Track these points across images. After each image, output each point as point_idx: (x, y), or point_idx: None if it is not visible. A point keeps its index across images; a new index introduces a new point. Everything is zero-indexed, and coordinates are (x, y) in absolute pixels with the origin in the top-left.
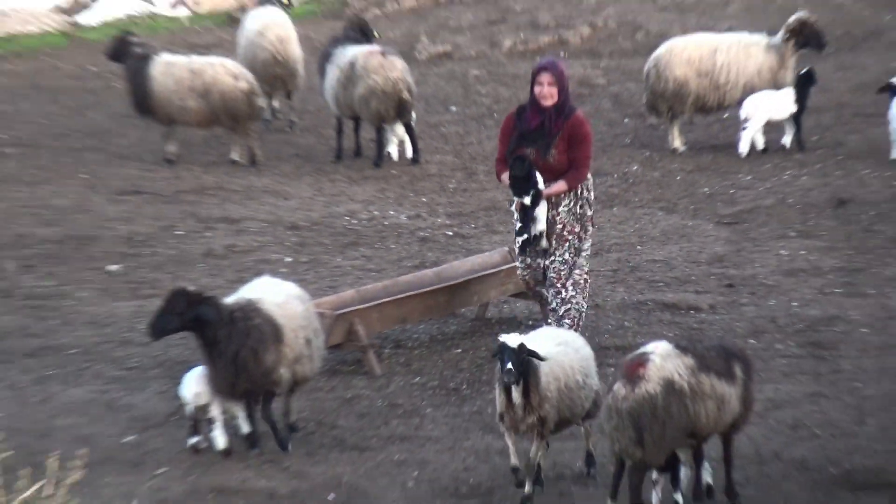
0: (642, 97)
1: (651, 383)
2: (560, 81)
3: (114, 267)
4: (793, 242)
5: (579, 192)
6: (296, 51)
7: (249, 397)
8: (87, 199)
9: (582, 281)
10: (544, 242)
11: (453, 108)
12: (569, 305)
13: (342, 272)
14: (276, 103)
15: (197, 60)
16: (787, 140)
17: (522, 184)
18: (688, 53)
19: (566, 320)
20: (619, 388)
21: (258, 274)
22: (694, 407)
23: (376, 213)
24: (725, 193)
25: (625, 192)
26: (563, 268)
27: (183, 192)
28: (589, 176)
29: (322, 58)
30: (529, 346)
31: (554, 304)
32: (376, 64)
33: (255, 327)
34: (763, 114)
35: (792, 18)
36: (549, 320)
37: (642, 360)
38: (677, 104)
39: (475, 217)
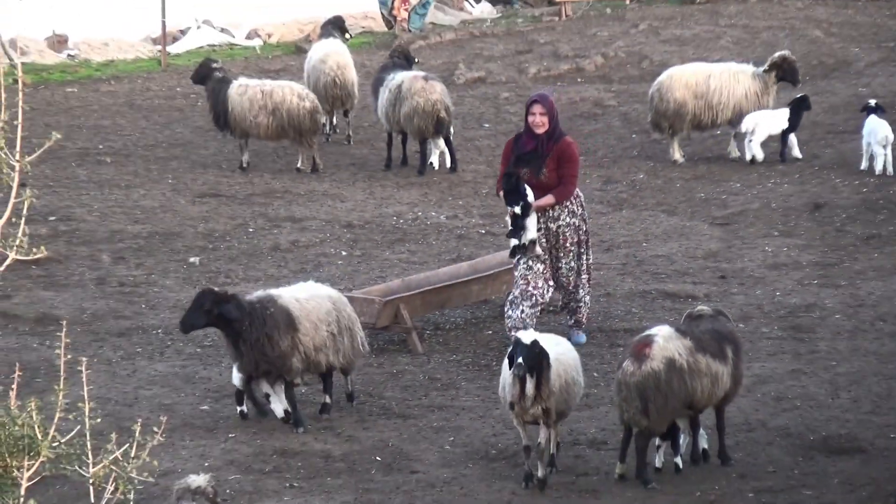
0: (647, 116)
1: (655, 361)
2: (550, 111)
3: (194, 259)
4: (776, 240)
5: (574, 208)
6: (352, 75)
7: (270, 378)
8: (172, 201)
9: (585, 280)
10: (538, 249)
11: (486, 125)
12: (582, 304)
13: (390, 264)
14: (335, 120)
15: (268, 83)
16: (796, 152)
17: (513, 196)
18: (686, 79)
19: (579, 314)
20: (628, 365)
21: (318, 266)
22: (692, 382)
23: (420, 213)
24: (718, 198)
25: (632, 197)
26: (570, 274)
27: (254, 195)
28: (580, 195)
29: (375, 82)
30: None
31: (565, 301)
32: (419, 87)
33: (270, 315)
34: (764, 129)
35: (776, 55)
36: (568, 314)
37: (647, 341)
38: (677, 122)
39: (504, 218)
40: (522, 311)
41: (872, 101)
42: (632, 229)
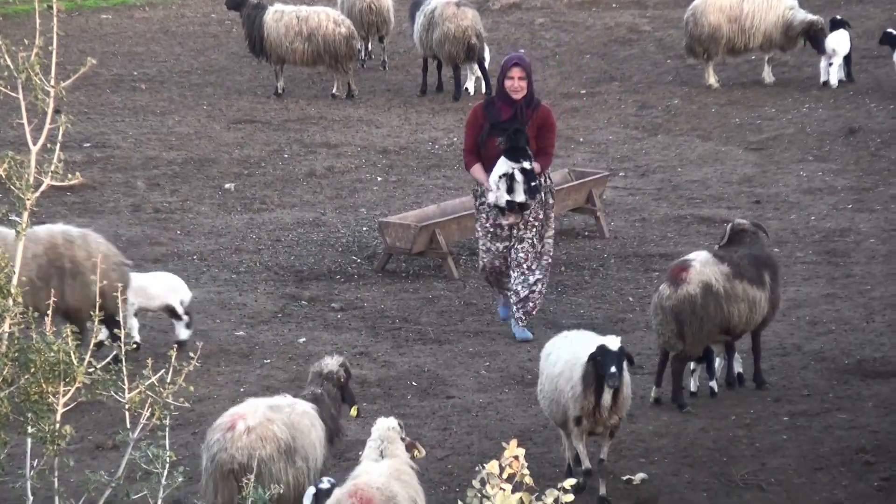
0: (682, 41)
1: (692, 285)
2: (529, 75)
3: (229, 185)
4: (811, 165)
5: (543, 181)
6: (387, 1)
7: None
8: (207, 127)
9: (546, 265)
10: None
11: (522, 51)
12: (535, 289)
13: (425, 190)
14: (370, 45)
15: (304, 9)
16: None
17: (520, 152)
18: (720, 3)
19: (530, 303)
20: (664, 288)
21: (354, 192)
22: (728, 307)
23: (455, 139)
24: (753, 123)
25: (667, 122)
26: (531, 250)
27: (289, 121)
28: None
29: (412, 6)
30: (588, 348)
31: (518, 287)
32: (450, 13)
33: None
34: (845, 49)
35: (806, 19)
36: (512, 305)
37: (685, 266)
38: (712, 46)
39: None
40: (496, 289)
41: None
42: (667, 154)
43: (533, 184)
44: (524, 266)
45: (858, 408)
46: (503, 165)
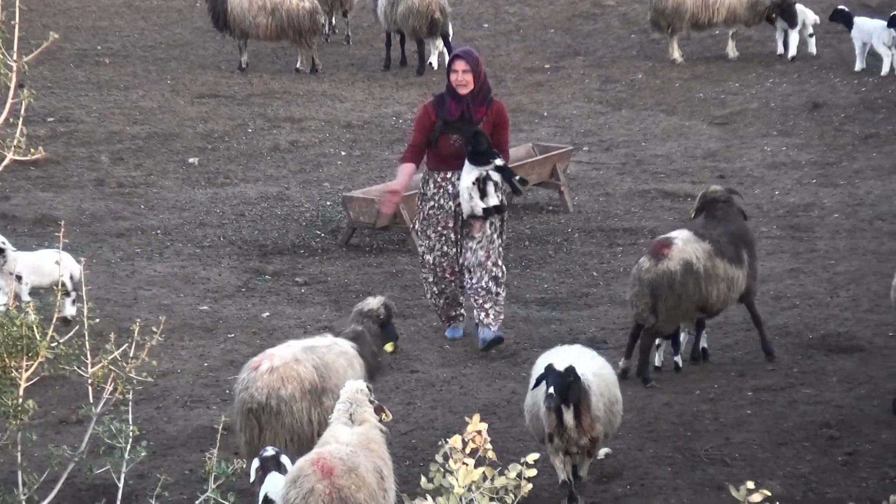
0: (646, 15)
1: (672, 262)
2: (475, 69)
3: (193, 159)
4: (775, 140)
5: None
6: None
7: None
8: (171, 102)
9: (500, 269)
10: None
11: (485, 25)
12: (501, 283)
13: (389, 164)
14: (334, 20)
15: None
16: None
17: (486, 155)
18: None
19: (500, 299)
20: (645, 261)
21: (318, 166)
22: (707, 287)
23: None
24: (717, 98)
25: (631, 97)
26: (491, 246)
27: (253, 95)
28: None
29: None
30: (577, 365)
31: (490, 284)
32: None
33: None
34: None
35: None
36: (478, 307)
37: (667, 242)
38: (676, 21)
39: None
40: (444, 301)
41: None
42: (631, 129)
43: (516, 178)
44: (489, 263)
45: (822, 383)
46: (472, 172)
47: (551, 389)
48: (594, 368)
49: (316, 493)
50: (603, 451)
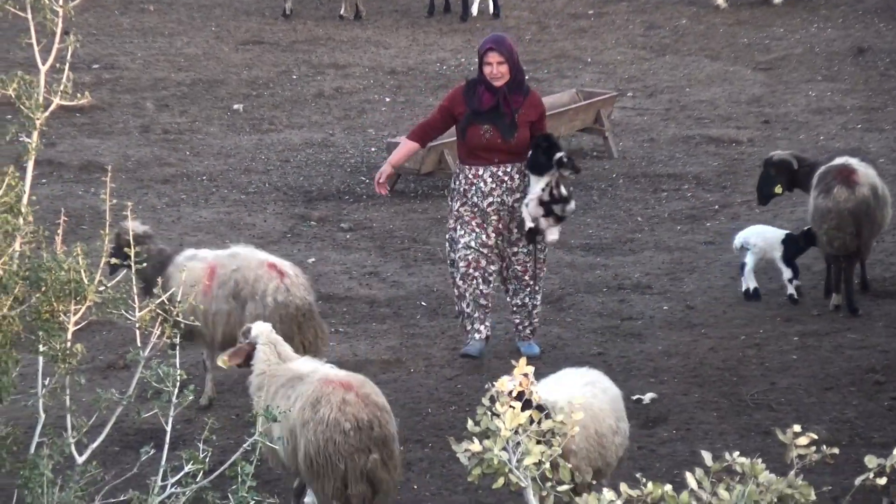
0: None
1: (864, 187)
2: (510, 58)
3: (238, 106)
4: (819, 85)
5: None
6: None
7: None
8: (215, 48)
9: (542, 278)
10: (555, 234)
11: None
12: (537, 298)
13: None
14: None
15: None
16: None
17: (547, 162)
18: None
19: (533, 320)
20: (840, 191)
21: (362, 112)
22: (884, 211)
23: (463, 60)
24: (762, 43)
25: (675, 42)
26: (528, 259)
27: (297, 42)
28: None
29: None
30: (545, 391)
31: (527, 300)
32: None
33: None
34: None
35: None
36: (516, 321)
37: (851, 169)
38: None
39: (547, 63)
40: (468, 306)
41: None
42: (675, 75)
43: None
44: (526, 278)
45: (868, 327)
46: (539, 182)
47: None
48: (578, 394)
49: (349, 402)
50: (648, 396)
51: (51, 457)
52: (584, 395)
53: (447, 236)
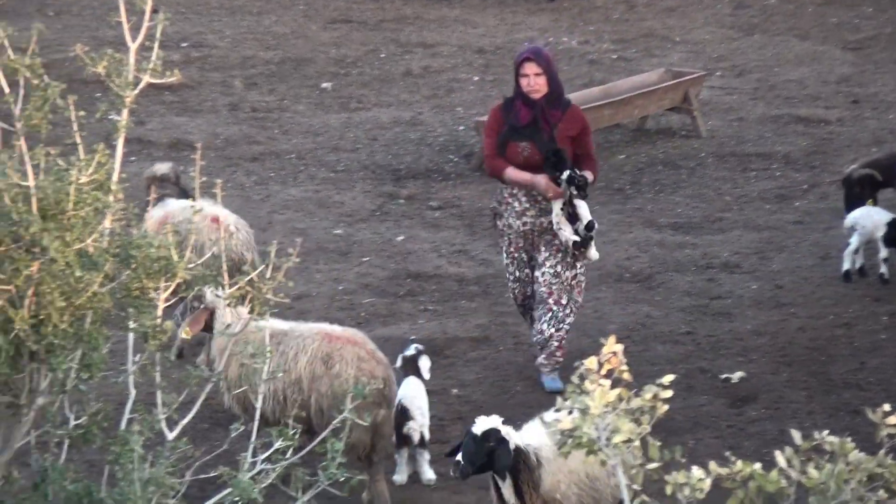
0: None
1: None
2: (547, 69)
3: (326, 84)
4: None
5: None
6: None
7: None
8: (304, 27)
9: (578, 298)
10: (593, 250)
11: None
12: (562, 326)
13: None
14: None
15: None
16: None
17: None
18: None
19: (554, 343)
20: None
21: (450, 91)
22: None
23: (551, 39)
24: (851, 23)
25: (763, 21)
26: (554, 281)
27: (385, 20)
28: None
29: None
30: (527, 433)
31: (544, 326)
32: None
33: None
34: None
35: None
36: (537, 346)
37: None
38: None
39: (635, 42)
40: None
41: None
42: (763, 54)
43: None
44: (549, 301)
45: None
46: (557, 202)
47: (458, 455)
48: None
49: (363, 358)
50: (737, 375)
51: (141, 433)
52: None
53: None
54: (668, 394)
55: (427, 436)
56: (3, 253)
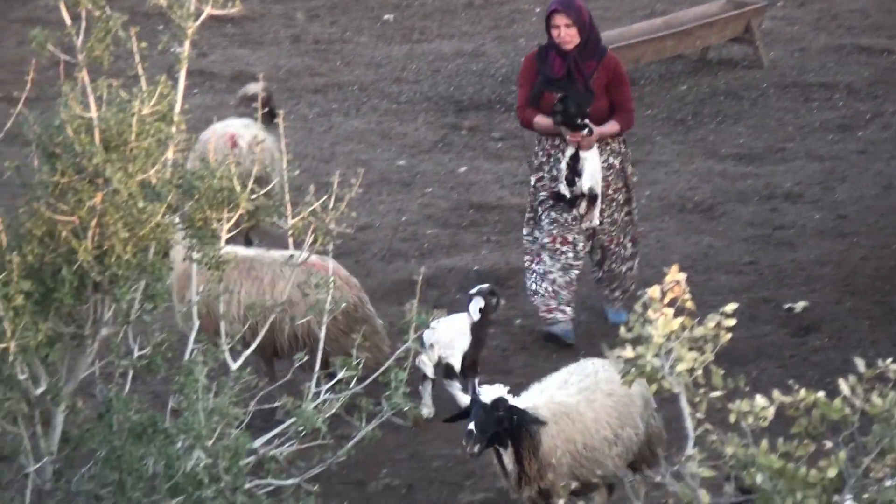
0: None
1: None
2: (578, 20)
3: (388, 16)
4: None
5: (616, 146)
6: None
7: None
8: None
9: (637, 237)
10: (595, 215)
11: None
12: (631, 263)
13: None
14: None
15: None
16: None
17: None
18: None
19: (627, 281)
20: None
21: (512, 22)
22: None
23: None
24: None
25: None
26: (612, 228)
27: None
28: None
29: None
30: (526, 397)
31: (614, 266)
32: None
33: None
34: None
35: None
36: (604, 285)
37: None
38: None
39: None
40: (553, 283)
41: None
42: None
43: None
44: (612, 247)
45: None
46: (570, 146)
47: (470, 426)
48: (564, 404)
49: (338, 287)
50: (800, 305)
51: (205, 363)
52: (570, 402)
53: (526, 216)
54: (732, 322)
55: (456, 367)
56: (66, 184)
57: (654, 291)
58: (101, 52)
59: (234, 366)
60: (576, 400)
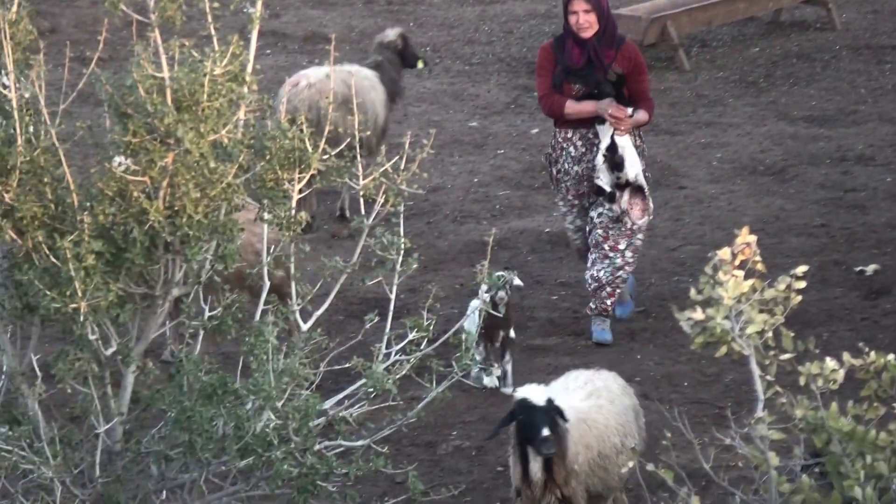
0: None
1: None
2: (598, 6)
3: None
4: None
5: (633, 139)
6: None
7: None
8: None
9: (637, 246)
10: (640, 212)
11: None
12: (619, 275)
13: None
14: None
15: None
16: None
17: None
18: None
19: (607, 289)
20: None
21: None
22: None
23: None
24: None
25: None
26: (612, 224)
27: None
28: None
29: None
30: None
31: (600, 273)
32: None
33: None
34: None
35: None
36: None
37: None
38: None
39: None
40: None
41: None
42: None
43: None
44: (605, 246)
45: None
46: (605, 136)
47: (546, 431)
48: (583, 409)
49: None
50: (871, 268)
51: (276, 324)
52: (583, 407)
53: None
54: (802, 284)
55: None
56: (138, 144)
57: (724, 253)
58: (174, 12)
59: (305, 326)
60: (587, 406)
